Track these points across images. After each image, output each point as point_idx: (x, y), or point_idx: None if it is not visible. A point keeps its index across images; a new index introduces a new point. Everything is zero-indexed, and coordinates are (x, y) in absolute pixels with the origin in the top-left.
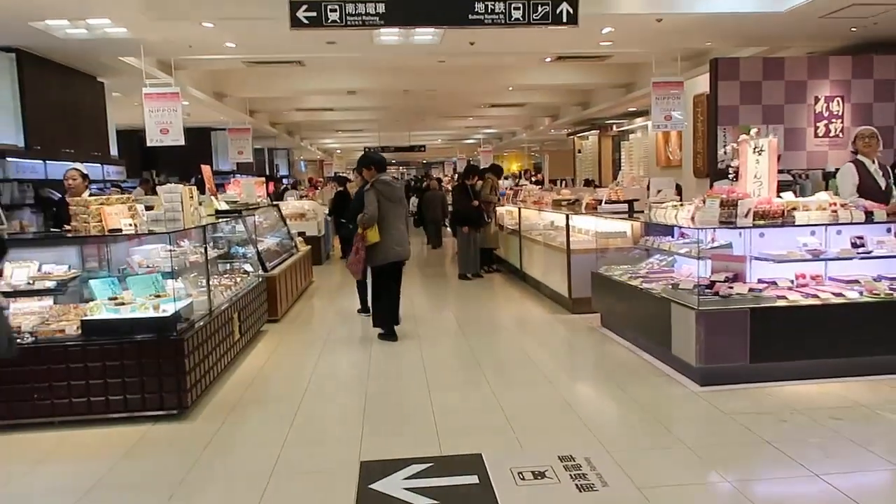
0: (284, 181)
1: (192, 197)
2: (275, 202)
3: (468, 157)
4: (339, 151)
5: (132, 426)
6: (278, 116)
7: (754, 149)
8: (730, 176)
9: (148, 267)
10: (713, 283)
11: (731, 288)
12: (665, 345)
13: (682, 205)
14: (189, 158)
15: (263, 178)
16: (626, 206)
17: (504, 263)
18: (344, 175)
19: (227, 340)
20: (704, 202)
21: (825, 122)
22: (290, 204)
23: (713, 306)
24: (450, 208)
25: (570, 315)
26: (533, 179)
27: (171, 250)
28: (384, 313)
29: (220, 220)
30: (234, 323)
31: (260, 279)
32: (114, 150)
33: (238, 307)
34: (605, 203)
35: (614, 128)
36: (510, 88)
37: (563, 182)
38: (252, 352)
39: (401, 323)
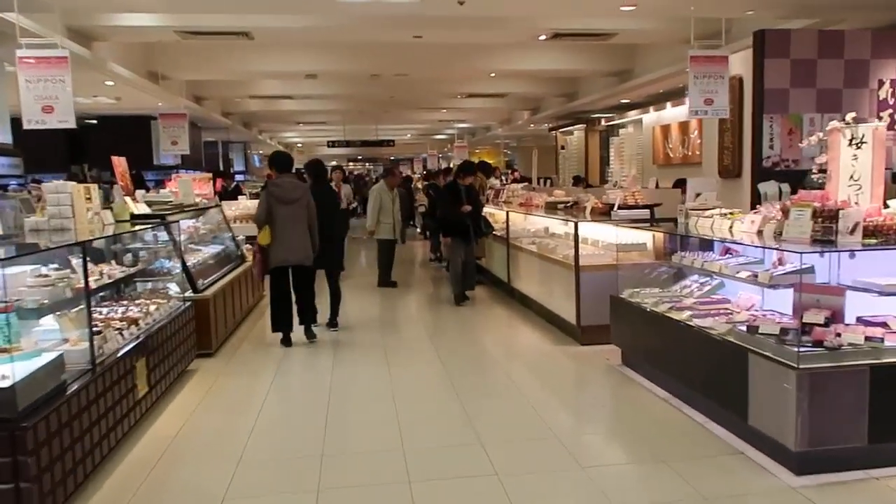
0: (238, 178)
1: (89, 198)
2: (223, 202)
3: (438, 153)
4: (300, 145)
5: None
6: (231, 105)
7: (850, 140)
8: (813, 175)
9: (5, 302)
10: (807, 325)
11: (839, 335)
12: (734, 409)
13: (732, 214)
14: (126, 151)
15: (210, 175)
16: (646, 212)
17: (485, 273)
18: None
19: (123, 402)
20: (787, 213)
21: (890, 110)
22: (241, 204)
23: (820, 363)
24: (420, 208)
25: (579, 347)
26: (511, 178)
27: (41, 275)
28: (277, 317)
29: (137, 227)
30: (139, 373)
31: (186, 304)
32: (5, 138)
33: (147, 348)
34: (620, 208)
35: (602, 122)
36: (492, 75)
37: (549, 181)
38: (169, 406)
39: (318, 322)
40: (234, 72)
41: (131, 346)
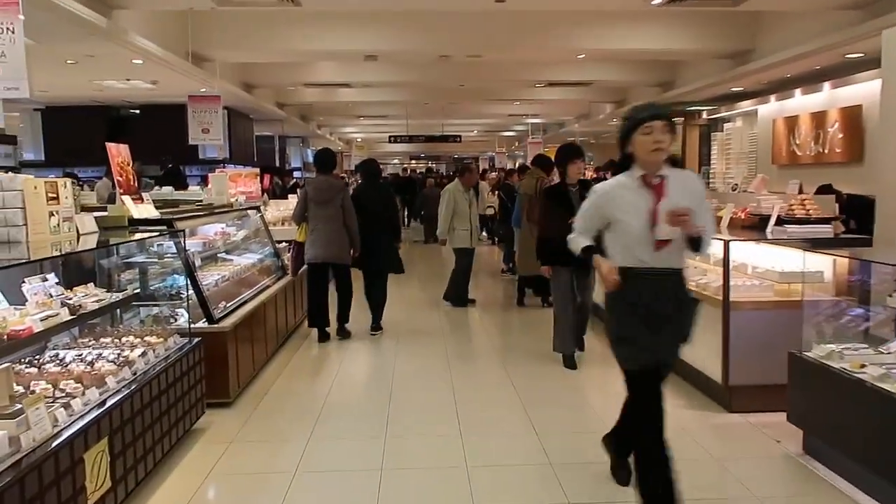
0: (296, 175)
1: (55, 197)
2: (274, 201)
3: (507, 151)
4: (359, 140)
5: None
6: (285, 95)
7: None
8: None
9: None
10: None
11: None
12: None
13: None
14: (170, 143)
15: (257, 170)
16: (826, 227)
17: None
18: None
19: None
20: None
21: None
22: (293, 203)
23: None
24: (489, 210)
25: (727, 415)
26: (594, 175)
27: None
28: (311, 313)
29: (127, 238)
30: (92, 466)
31: (192, 341)
32: None
33: (114, 422)
34: (786, 223)
35: (703, 115)
36: (580, 56)
37: None
38: (153, 497)
39: (349, 320)
40: (284, 52)
41: (81, 425)
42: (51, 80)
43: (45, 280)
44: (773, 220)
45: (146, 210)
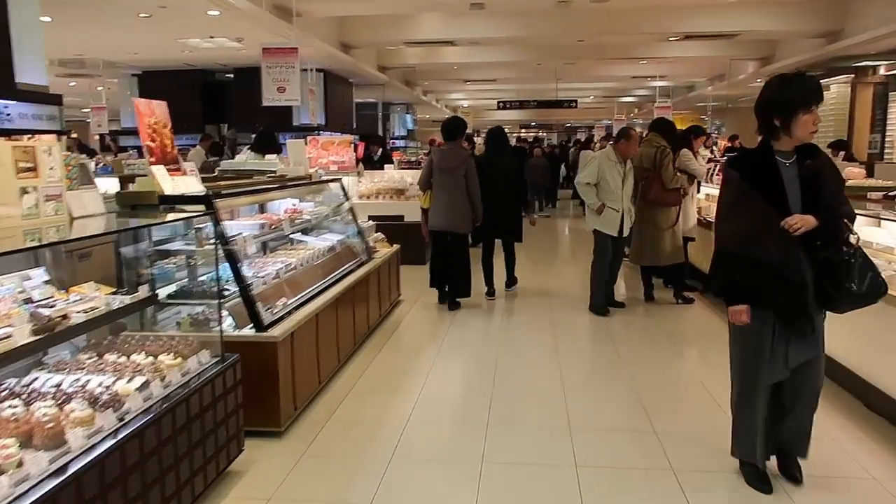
0: (398, 143)
1: (32, 168)
2: (368, 171)
3: (626, 120)
4: (465, 106)
5: None
6: (387, 57)
7: None
8: None
9: None
10: None
11: None
12: None
13: None
14: (263, 109)
15: (350, 138)
16: None
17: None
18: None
19: None
20: None
21: None
22: (387, 175)
23: None
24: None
25: None
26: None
27: None
28: (433, 276)
29: (160, 219)
30: None
31: (223, 359)
32: (36, 79)
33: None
34: None
35: (880, 70)
36: None
37: (842, 151)
38: None
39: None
40: (383, 3)
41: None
42: (132, 38)
43: (28, 279)
44: None
45: (184, 184)
